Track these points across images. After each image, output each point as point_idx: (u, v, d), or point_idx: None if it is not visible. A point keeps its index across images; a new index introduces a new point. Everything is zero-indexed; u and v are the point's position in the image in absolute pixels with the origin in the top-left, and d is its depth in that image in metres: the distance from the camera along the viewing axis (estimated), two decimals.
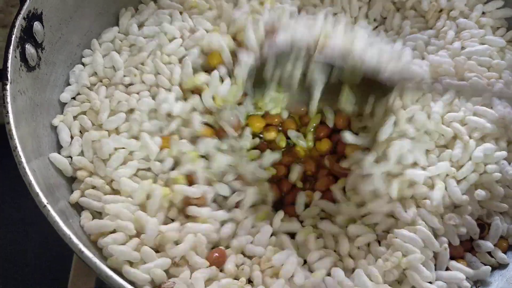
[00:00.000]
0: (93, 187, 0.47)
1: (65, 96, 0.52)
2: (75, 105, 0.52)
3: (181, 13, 0.58)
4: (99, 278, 0.42)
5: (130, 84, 0.53)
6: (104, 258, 0.43)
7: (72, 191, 0.47)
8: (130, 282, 0.39)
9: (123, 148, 0.48)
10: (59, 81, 0.53)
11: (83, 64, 0.55)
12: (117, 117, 0.50)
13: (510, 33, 0.58)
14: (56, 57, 0.52)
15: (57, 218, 0.38)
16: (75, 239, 0.37)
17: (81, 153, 0.49)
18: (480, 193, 0.48)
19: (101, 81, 0.53)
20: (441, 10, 0.61)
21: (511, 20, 0.59)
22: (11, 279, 0.60)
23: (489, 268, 0.47)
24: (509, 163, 0.50)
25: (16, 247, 0.62)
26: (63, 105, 0.52)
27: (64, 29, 0.53)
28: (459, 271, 0.47)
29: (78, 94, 0.53)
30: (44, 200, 0.39)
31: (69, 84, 0.53)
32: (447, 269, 0.47)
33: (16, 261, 0.61)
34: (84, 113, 0.51)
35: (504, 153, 0.49)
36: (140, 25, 0.57)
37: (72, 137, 0.50)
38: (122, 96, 0.51)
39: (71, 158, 0.49)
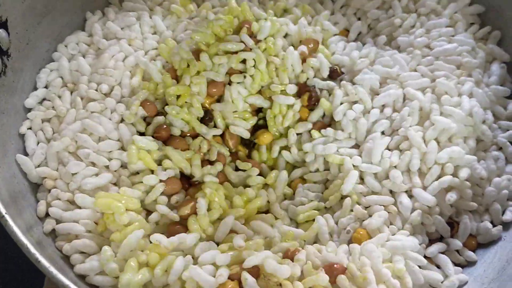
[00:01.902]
0: (59, 199, 0.47)
1: (30, 102, 0.52)
2: (40, 110, 0.52)
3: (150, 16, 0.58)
4: None
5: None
6: (71, 265, 0.44)
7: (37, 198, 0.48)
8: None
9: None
10: (27, 87, 0.53)
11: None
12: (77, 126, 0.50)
13: (483, 30, 0.58)
14: (24, 63, 0.52)
15: (15, 228, 0.38)
16: (32, 249, 0.37)
17: (45, 162, 0.49)
18: (451, 197, 0.48)
19: (66, 86, 0.53)
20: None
21: (483, 17, 0.59)
22: None
23: (460, 269, 0.48)
24: (478, 161, 0.50)
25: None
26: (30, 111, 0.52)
27: (31, 35, 0.53)
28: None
29: (44, 99, 0.53)
30: (3, 210, 0.39)
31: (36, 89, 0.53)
32: None
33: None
34: (48, 120, 0.51)
35: (473, 158, 0.49)
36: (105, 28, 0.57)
37: (38, 143, 0.50)
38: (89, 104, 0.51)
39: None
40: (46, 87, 0.54)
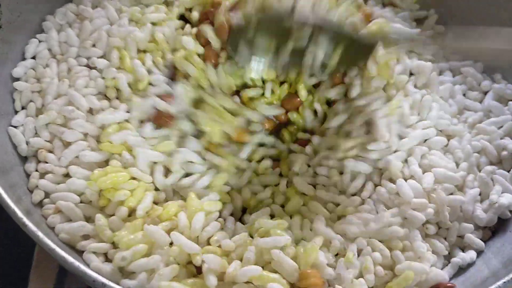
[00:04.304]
0: (50, 172, 0.47)
1: (18, 71, 0.51)
2: (29, 82, 0.51)
3: None
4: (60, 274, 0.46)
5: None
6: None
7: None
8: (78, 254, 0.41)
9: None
10: (18, 59, 0.52)
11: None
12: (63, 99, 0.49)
13: None
14: (15, 36, 0.52)
15: (3, 194, 0.38)
16: (19, 213, 0.37)
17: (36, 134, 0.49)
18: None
19: (54, 57, 0.53)
20: None
21: None
22: None
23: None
24: None
25: None
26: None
27: (23, 8, 0.52)
28: None
29: (33, 70, 0.52)
30: None
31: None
32: None
33: None
34: (38, 91, 0.51)
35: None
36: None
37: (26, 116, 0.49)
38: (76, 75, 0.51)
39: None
40: (34, 58, 0.53)
